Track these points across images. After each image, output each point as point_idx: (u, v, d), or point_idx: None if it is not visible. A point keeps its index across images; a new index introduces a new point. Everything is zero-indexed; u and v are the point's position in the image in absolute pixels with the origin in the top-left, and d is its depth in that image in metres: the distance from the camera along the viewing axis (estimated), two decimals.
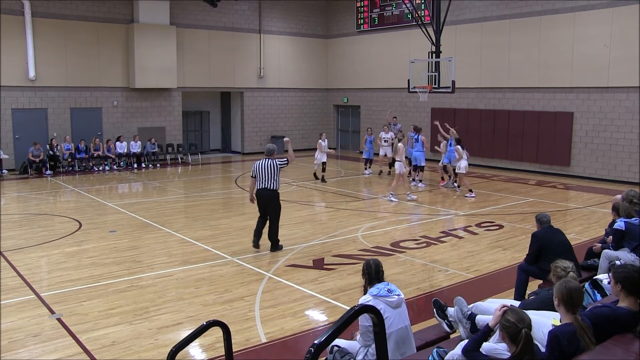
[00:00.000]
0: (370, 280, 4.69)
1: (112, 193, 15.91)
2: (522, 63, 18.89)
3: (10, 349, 5.68)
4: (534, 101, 18.84)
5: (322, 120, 26.67)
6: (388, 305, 4.35)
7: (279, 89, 25.49)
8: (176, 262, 8.86)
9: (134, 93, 21.53)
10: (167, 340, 5.80)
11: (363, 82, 24.92)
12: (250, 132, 24.71)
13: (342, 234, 10.68)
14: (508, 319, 3.59)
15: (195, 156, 22.69)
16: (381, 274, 4.71)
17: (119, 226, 11.28)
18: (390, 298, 4.40)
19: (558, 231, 6.63)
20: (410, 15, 20.78)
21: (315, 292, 7.46)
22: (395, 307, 4.38)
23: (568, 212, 13.09)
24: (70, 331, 6.12)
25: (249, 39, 24.32)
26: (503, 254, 9.31)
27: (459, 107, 21.01)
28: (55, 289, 7.55)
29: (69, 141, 19.52)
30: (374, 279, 4.67)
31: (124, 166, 20.49)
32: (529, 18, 18.64)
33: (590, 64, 17.18)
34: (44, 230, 10.86)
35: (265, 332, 6.13)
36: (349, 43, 25.52)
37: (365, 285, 4.72)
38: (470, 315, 4.62)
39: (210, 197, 14.89)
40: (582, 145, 17.74)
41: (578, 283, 4.21)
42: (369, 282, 4.68)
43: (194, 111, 24.83)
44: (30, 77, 19.17)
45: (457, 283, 7.83)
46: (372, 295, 4.41)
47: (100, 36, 20.55)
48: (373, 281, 4.66)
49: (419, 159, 16.04)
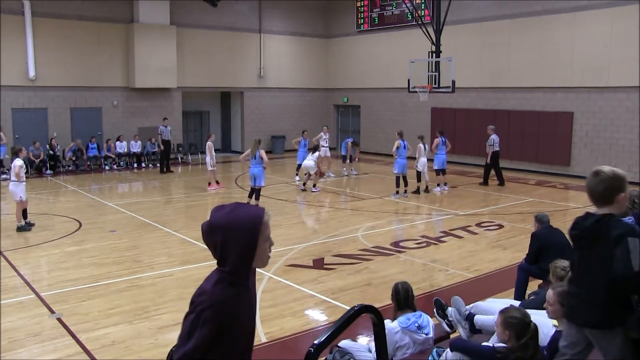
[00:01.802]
0: (399, 306, 4.55)
1: (112, 193, 15.92)
2: (522, 63, 18.89)
3: (10, 348, 5.68)
4: (534, 101, 18.84)
5: (322, 120, 26.63)
6: (413, 341, 4.30)
7: (279, 89, 25.49)
8: (176, 262, 8.86)
9: (134, 93, 21.53)
10: (167, 340, 5.79)
11: (363, 82, 24.91)
12: (250, 132, 24.68)
13: (342, 233, 10.68)
14: (514, 316, 3.59)
15: (195, 156, 22.70)
16: (411, 299, 4.55)
17: (119, 226, 11.28)
18: (418, 335, 4.31)
19: (558, 231, 6.64)
20: (410, 15, 20.78)
21: (315, 292, 7.45)
22: (421, 344, 4.32)
23: (568, 212, 13.08)
24: (70, 331, 6.12)
25: (249, 39, 24.31)
26: (503, 253, 9.31)
27: (459, 107, 21.01)
28: (55, 288, 7.55)
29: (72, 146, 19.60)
30: (403, 305, 4.52)
31: (124, 166, 20.51)
32: (529, 18, 18.64)
33: (590, 64, 17.18)
34: (44, 230, 10.85)
35: (265, 332, 6.13)
36: (349, 43, 25.51)
37: (395, 311, 4.57)
38: (468, 316, 4.61)
39: (210, 197, 14.88)
40: (582, 145, 17.74)
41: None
42: (399, 308, 4.54)
43: (194, 111, 24.83)
44: (30, 77, 19.18)
45: (457, 283, 7.83)
46: (401, 327, 4.31)
47: (100, 36, 20.55)
48: (403, 307, 4.51)
49: (444, 162, 15.34)
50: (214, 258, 2.34)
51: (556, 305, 3.76)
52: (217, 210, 2.37)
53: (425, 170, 15.12)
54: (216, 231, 2.29)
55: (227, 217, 2.31)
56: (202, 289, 2.32)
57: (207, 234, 2.32)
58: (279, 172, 19.39)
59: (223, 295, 2.26)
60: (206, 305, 2.26)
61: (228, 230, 2.27)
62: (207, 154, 15.58)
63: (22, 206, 10.76)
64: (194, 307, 2.31)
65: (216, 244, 2.30)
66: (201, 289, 2.33)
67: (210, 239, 2.32)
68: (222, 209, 2.36)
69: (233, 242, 2.27)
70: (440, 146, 15.20)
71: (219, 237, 2.28)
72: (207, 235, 2.33)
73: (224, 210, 2.35)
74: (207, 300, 2.26)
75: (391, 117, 23.74)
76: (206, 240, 2.35)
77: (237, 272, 2.31)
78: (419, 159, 14.90)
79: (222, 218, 2.31)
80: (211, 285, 2.29)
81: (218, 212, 2.36)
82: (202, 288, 2.33)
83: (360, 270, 8.37)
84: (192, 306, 2.33)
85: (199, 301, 2.29)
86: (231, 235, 2.27)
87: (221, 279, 2.29)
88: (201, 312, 2.26)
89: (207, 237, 2.33)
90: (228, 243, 2.27)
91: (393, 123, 23.39)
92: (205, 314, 2.25)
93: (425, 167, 15.10)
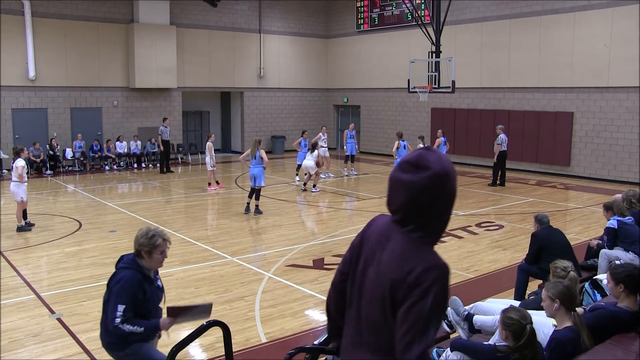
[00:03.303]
0: None
1: (112, 193, 15.92)
2: (522, 63, 18.89)
3: (10, 349, 5.68)
4: (534, 101, 18.84)
5: (322, 121, 26.65)
6: None
7: (279, 89, 25.49)
8: (176, 262, 8.85)
9: (134, 93, 21.53)
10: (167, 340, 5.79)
11: (363, 82, 24.92)
12: (250, 132, 24.69)
13: (342, 233, 10.68)
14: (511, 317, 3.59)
15: (195, 156, 22.71)
16: None
17: (119, 226, 11.28)
18: None
19: (558, 231, 6.64)
20: (410, 15, 20.78)
21: (315, 292, 7.45)
22: None
23: (568, 212, 13.09)
24: (70, 331, 6.12)
25: (249, 39, 24.32)
26: (503, 254, 9.31)
27: (459, 107, 21.01)
28: (56, 288, 7.55)
29: (81, 139, 19.60)
30: None
31: (124, 166, 20.51)
32: (529, 18, 18.64)
33: (590, 64, 17.18)
34: (44, 230, 10.86)
35: (265, 332, 6.13)
36: (349, 43, 25.52)
37: None
38: (467, 316, 4.61)
39: (210, 197, 14.89)
40: (582, 145, 17.74)
41: (569, 281, 4.22)
42: None
43: (194, 111, 24.83)
44: (30, 77, 19.18)
45: (457, 283, 7.82)
46: None
47: (100, 36, 20.56)
48: None
49: None
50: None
51: (547, 301, 3.76)
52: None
53: None
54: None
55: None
56: (414, 263, 1.98)
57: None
58: (279, 172, 19.40)
59: (441, 259, 2.02)
60: (436, 279, 1.96)
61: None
62: (207, 154, 15.58)
63: (22, 207, 10.76)
64: (421, 290, 1.94)
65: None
66: (410, 265, 1.98)
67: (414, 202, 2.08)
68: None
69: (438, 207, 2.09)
70: (441, 146, 15.19)
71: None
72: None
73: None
74: (437, 272, 1.97)
75: (391, 117, 23.75)
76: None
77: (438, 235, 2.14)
78: None
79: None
80: (429, 256, 2.02)
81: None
82: (408, 265, 1.98)
83: None
84: (416, 290, 1.95)
85: (429, 280, 1.95)
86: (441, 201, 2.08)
87: (428, 244, 2.07)
88: (429, 289, 1.94)
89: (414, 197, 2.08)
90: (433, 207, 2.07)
91: (393, 123, 23.41)
92: (434, 289, 1.95)
93: None
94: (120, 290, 3.85)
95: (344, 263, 2.34)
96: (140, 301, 3.91)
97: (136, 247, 4.00)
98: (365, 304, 2.15)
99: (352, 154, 18.41)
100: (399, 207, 2.10)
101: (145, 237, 3.97)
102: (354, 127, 19.01)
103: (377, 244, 2.16)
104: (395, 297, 1.99)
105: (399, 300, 1.98)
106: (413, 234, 2.06)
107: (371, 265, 2.14)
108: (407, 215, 2.08)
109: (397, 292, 1.99)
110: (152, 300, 4.02)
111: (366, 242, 2.24)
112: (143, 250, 3.95)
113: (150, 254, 3.96)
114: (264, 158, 12.11)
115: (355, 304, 2.21)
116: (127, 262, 4.02)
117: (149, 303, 3.99)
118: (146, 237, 3.97)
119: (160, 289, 4.19)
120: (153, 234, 3.98)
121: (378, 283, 2.08)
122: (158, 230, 4.06)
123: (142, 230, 4.05)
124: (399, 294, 1.98)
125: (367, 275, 2.15)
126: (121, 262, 4.07)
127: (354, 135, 18.52)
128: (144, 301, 3.93)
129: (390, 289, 2.01)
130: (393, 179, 2.12)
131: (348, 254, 2.33)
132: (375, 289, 2.09)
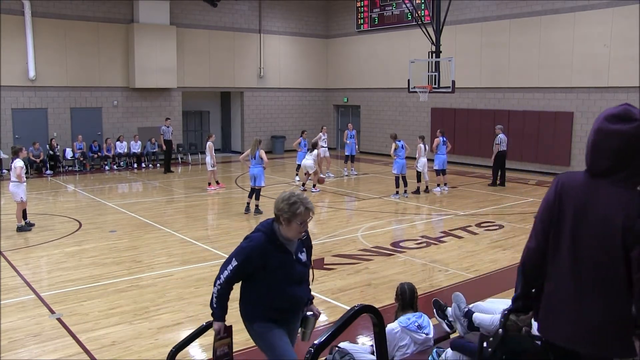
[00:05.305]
0: (403, 306, 4.55)
1: (112, 193, 15.91)
2: (522, 63, 18.89)
3: (10, 349, 5.68)
4: (534, 101, 18.84)
5: (322, 121, 26.66)
6: (413, 341, 4.30)
7: (279, 89, 25.49)
8: (176, 262, 8.86)
9: (134, 93, 21.53)
10: (167, 340, 5.79)
11: (363, 82, 24.92)
12: (250, 132, 24.69)
13: (342, 234, 10.68)
14: None
15: (195, 156, 22.71)
16: (415, 300, 4.56)
17: (119, 226, 11.28)
18: (418, 335, 4.32)
19: None
20: (410, 15, 20.78)
21: (315, 292, 7.41)
22: (421, 344, 4.32)
23: None
24: (70, 331, 6.12)
25: (249, 39, 24.32)
26: (503, 254, 9.31)
27: (459, 107, 21.01)
28: (56, 288, 7.55)
29: (81, 140, 19.61)
30: (407, 306, 4.53)
31: (124, 166, 20.51)
32: (529, 18, 18.64)
33: (590, 64, 17.19)
34: (44, 230, 10.86)
35: None
36: (349, 43, 25.52)
37: (397, 311, 4.58)
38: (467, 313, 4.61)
39: (210, 197, 14.89)
40: (582, 145, 17.73)
41: None
42: (402, 308, 4.54)
43: (194, 111, 24.84)
44: (30, 77, 19.18)
45: (457, 283, 7.82)
46: (401, 326, 4.32)
47: (100, 36, 20.56)
48: (406, 308, 4.51)
49: (444, 163, 15.29)
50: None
51: None
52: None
53: (425, 171, 15.12)
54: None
55: None
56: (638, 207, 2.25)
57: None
58: (279, 172, 19.40)
59: None
60: None
61: None
62: (208, 154, 15.58)
63: (22, 207, 10.76)
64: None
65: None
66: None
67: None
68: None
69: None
70: (440, 146, 15.16)
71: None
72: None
73: None
74: None
75: (391, 117, 23.75)
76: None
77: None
78: (419, 159, 14.91)
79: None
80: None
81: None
82: (630, 209, 2.25)
83: (360, 271, 8.37)
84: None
85: None
86: None
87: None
88: None
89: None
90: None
91: (393, 123, 23.42)
92: None
93: (425, 167, 15.11)
94: (239, 250, 3.57)
95: (545, 223, 2.52)
96: (260, 268, 3.52)
97: (275, 212, 3.60)
98: (587, 251, 2.35)
99: (352, 154, 18.43)
100: (609, 155, 2.32)
101: (287, 202, 3.54)
102: (353, 127, 19.01)
103: (584, 195, 2.38)
104: (626, 239, 2.23)
105: (630, 242, 2.22)
106: (623, 181, 2.30)
107: (586, 217, 2.35)
108: (616, 164, 2.31)
109: (627, 236, 2.23)
110: (284, 273, 3.57)
111: (566, 198, 2.44)
112: (282, 216, 3.55)
113: (290, 222, 3.54)
114: (264, 158, 12.11)
115: (570, 254, 2.39)
116: (263, 225, 3.66)
117: (275, 274, 3.53)
118: (287, 202, 3.54)
119: (303, 263, 3.72)
120: (295, 201, 3.54)
121: (602, 230, 2.29)
122: (302, 197, 3.61)
123: (284, 194, 3.62)
124: (630, 237, 2.22)
125: (586, 225, 2.34)
126: (259, 224, 3.71)
127: (354, 135, 18.52)
128: (267, 270, 3.52)
129: (619, 233, 2.24)
130: (601, 130, 2.36)
131: (546, 214, 2.51)
132: (599, 236, 2.30)
